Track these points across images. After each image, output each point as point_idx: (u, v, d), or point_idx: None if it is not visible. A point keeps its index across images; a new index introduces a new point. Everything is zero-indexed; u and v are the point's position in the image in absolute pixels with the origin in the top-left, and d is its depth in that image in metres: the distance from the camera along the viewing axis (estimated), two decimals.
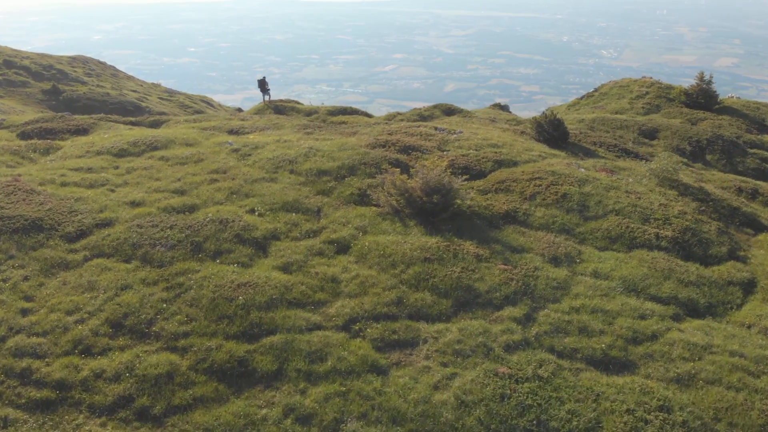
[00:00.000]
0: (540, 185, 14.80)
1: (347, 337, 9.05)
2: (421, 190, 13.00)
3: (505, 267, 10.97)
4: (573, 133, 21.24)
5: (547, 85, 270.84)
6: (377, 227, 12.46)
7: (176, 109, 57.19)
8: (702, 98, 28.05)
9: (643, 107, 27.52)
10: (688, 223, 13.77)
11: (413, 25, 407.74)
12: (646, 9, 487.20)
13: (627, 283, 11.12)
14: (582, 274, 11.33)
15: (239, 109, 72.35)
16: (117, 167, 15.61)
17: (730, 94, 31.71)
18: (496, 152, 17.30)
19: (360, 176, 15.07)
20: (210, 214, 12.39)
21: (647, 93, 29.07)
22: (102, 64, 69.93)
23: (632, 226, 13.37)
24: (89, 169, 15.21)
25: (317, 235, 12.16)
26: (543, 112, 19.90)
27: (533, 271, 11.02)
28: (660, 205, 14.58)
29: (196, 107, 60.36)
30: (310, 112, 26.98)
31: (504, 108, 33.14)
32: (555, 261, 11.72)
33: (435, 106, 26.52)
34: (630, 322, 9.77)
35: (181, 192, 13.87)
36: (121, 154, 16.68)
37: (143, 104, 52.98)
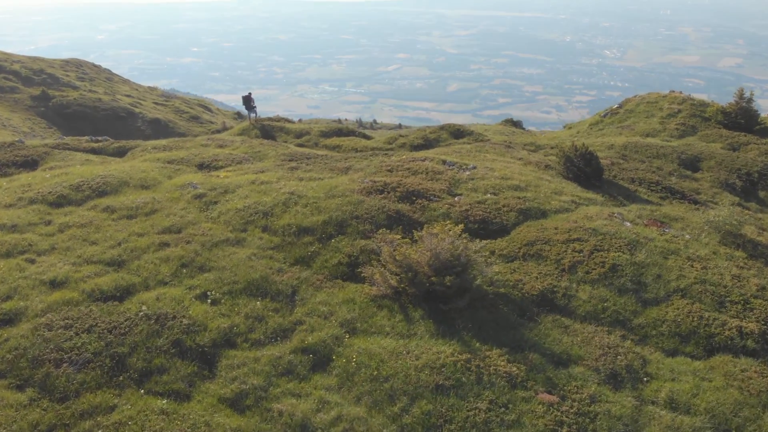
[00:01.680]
0: (580, 250, 11.60)
1: None
2: (428, 266, 9.83)
3: (550, 398, 7.77)
4: (604, 163, 18.04)
5: (550, 85, 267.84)
6: (370, 322, 9.28)
7: (171, 115, 54.17)
8: (742, 118, 24.81)
9: (676, 128, 24.26)
10: None
11: (416, 25, 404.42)
12: (649, 9, 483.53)
13: (717, 419, 7.91)
14: (653, 403, 8.12)
15: (237, 114, 69.25)
16: (49, 222, 12.48)
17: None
18: (519, 197, 14.10)
19: (350, 236, 11.89)
20: (145, 307, 9.22)
21: (679, 111, 25.80)
22: (97, 68, 66.98)
23: (706, 315, 10.15)
24: (13, 227, 12.08)
25: (287, 337, 8.97)
26: (573, 145, 16.63)
27: (588, 404, 7.81)
28: (732, 277, 11.36)
29: (192, 113, 57.34)
30: (300, 133, 23.86)
31: (517, 124, 30.01)
32: (614, 380, 8.51)
33: (442, 128, 23.34)
34: None
35: (118, 264, 10.71)
36: (59, 202, 13.54)
37: (136, 110, 50.01)
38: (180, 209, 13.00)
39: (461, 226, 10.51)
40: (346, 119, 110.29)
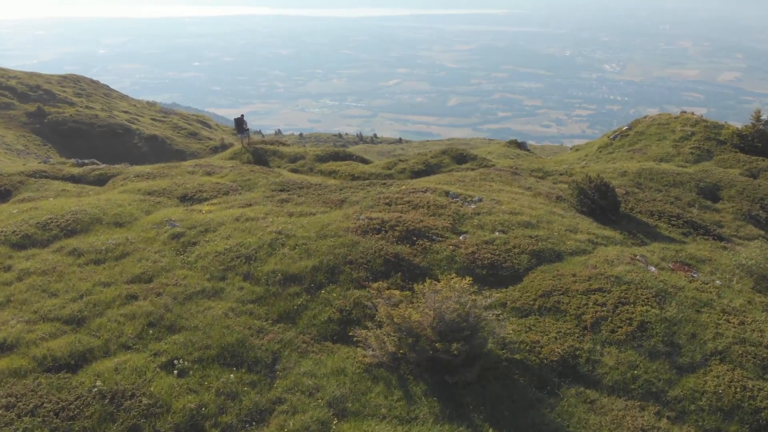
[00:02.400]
0: (603, 303, 10.25)
1: None
2: (432, 330, 8.49)
3: None
4: (619, 192, 16.75)
5: (550, 99, 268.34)
6: (364, 401, 7.90)
7: (169, 131, 53.20)
8: (759, 141, 23.61)
9: (691, 152, 23.04)
10: None
11: (416, 40, 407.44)
12: (648, 23, 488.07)
13: None
14: None
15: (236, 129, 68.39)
16: (8, 268, 11.17)
17: None
18: (531, 237, 12.79)
19: (343, 285, 10.56)
20: (100, 381, 7.85)
21: (692, 134, 24.61)
22: (95, 83, 66.35)
23: (749, 384, 8.77)
24: None
25: (264, 420, 7.58)
26: (587, 176, 15.36)
27: None
28: None
29: (191, 129, 56.39)
30: (295, 158, 22.66)
31: (521, 146, 28.86)
32: None
33: (444, 152, 22.13)
34: None
35: (77, 322, 9.37)
36: (23, 243, 12.24)
37: (133, 126, 49.05)
38: (154, 252, 11.69)
39: (468, 279, 9.18)
40: (346, 133, 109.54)
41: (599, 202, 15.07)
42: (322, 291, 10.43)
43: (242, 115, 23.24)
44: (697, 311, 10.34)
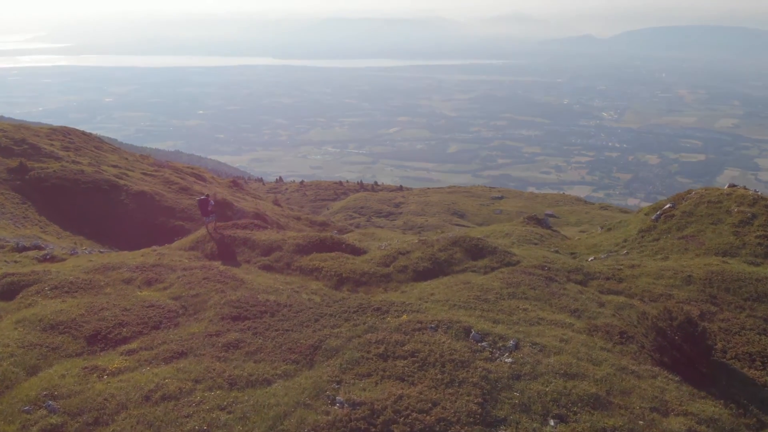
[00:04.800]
0: None
1: None
2: None
3: None
4: (693, 313, 12.17)
5: (548, 146, 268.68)
6: None
7: (159, 186, 49.25)
8: None
9: (759, 243, 18.60)
10: None
11: (417, 89, 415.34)
12: (645, 72, 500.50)
13: None
14: None
15: (232, 181, 64.90)
16: None
17: None
18: (604, 430, 8.10)
19: None
20: None
21: (753, 216, 20.28)
22: (86, 136, 63.34)
23: None
24: None
25: None
26: (666, 309, 10.78)
27: None
28: None
29: (182, 183, 52.52)
30: (270, 248, 18.27)
31: (542, 223, 24.53)
32: None
33: (455, 243, 17.71)
34: None
35: None
36: None
37: (121, 182, 45.24)
38: None
39: None
40: (347, 180, 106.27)
41: (685, 350, 10.44)
42: None
43: (207, 196, 19.06)
44: None
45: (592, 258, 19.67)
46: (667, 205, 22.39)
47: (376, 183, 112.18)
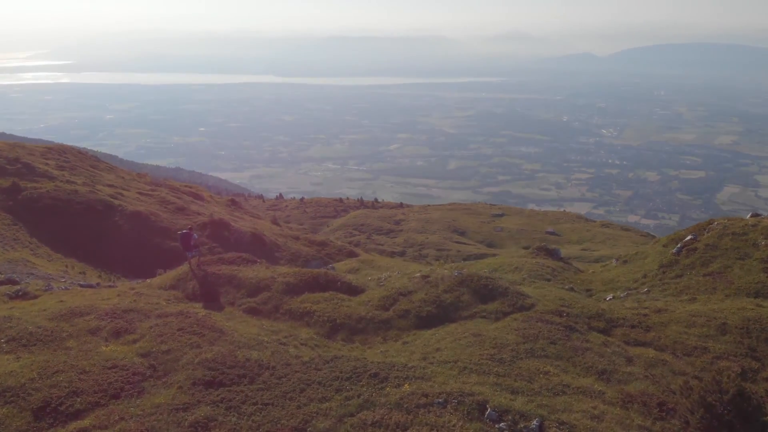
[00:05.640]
0: None
1: None
2: None
3: None
4: (731, 370, 10.51)
5: (548, 163, 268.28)
6: None
7: (155, 206, 47.71)
8: None
9: None
10: None
11: (416, 107, 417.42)
12: (644, 90, 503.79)
13: None
14: None
15: (231, 200, 63.51)
16: None
17: None
18: None
19: None
20: None
21: None
22: (81, 154, 62.06)
23: None
24: None
25: None
26: (714, 380, 9.12)
27: None
28: None
29: (179, 203, 50.98)
30: (257, 287, 16.62)
31: (553, 254, 22.94)
32: None
33: (461, 283, 16.06)
34: None
35: None
36: None
37: (116, 202, 43.75)
38: None
39: None
40: (347, 197, 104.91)
41: (737, 428, 8.75)
42: None
43: (190, 228, 17.46)
44: None
45: (610, 297, 18.01)
46: (689, 237, 20.78)
47: (376, 200, 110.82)
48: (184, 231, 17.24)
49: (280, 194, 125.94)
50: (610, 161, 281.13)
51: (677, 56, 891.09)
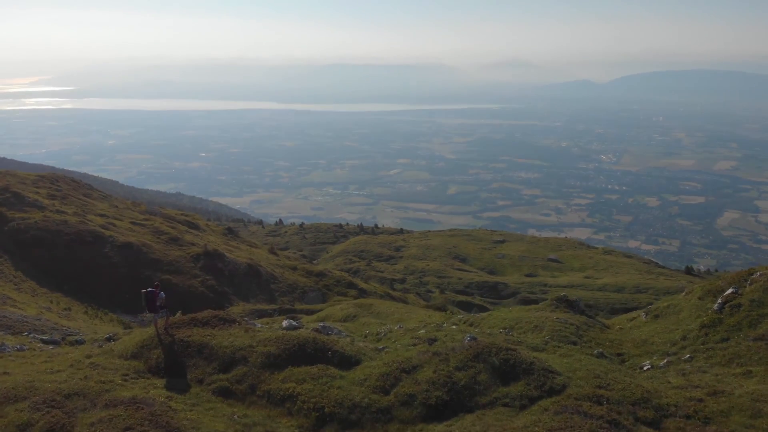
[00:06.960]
0: None
1: None
2: None
3: None
4: None
5: (548, 188, 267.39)
6: None
7: (147, 237, 46.10)
8: None
9: None
10: None
11: (417, 133, 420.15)
12: (642, 116, 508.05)
13: None
14: None
15: (228, 229, 61.78)
16: None
17: None
18: None
19: None
20: None
21: None
22: (75, 183, 60.80)
23: None
24: None
25: None
26: None
27: None
28: None
29: (173, 233, 49.42)
30: (231, 360, 14.10)
31: (574, 306, 21.48)
32: None
33: (476, 357, 13.60)
34: None
35: None
36: None
37: (107, 233, 42.07)
38: None
39: None
40: (347, 223, 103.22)
41: None
42: None
43: (156, 286, 15.17)
44: None
45: (647, 365, 16.19)
46: (729, 291, 18.98)
47: (376, 226, 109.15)
48: (150, 289, 14.98)
49: (280, 220, 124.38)
50: (609, 186, 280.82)
51: (675, 83, 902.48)
